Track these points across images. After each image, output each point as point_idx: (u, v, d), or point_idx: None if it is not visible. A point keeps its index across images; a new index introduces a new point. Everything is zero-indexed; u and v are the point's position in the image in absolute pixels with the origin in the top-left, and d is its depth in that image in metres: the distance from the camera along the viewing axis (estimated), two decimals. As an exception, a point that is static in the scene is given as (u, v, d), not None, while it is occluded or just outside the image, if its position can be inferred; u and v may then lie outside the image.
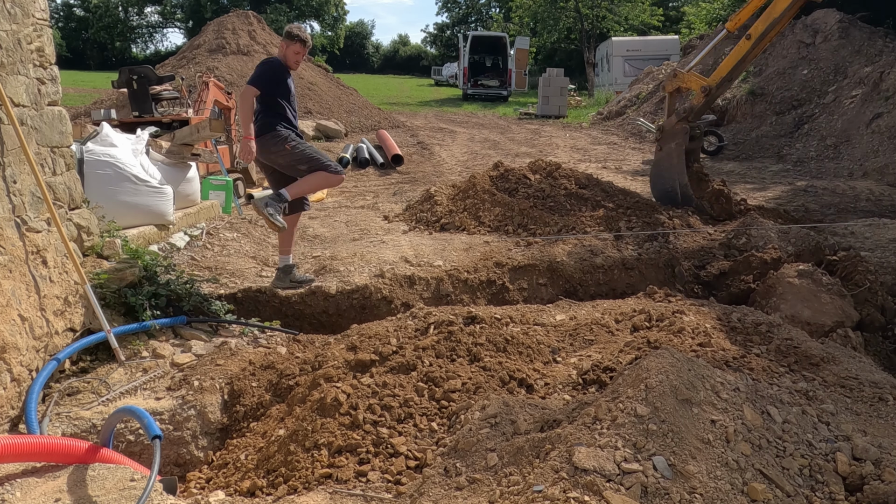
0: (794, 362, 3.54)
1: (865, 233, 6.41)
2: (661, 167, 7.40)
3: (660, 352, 2.64)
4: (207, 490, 3.06)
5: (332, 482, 2.70)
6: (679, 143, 7.12)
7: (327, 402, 3.10)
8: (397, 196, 9.00)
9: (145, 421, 2.60)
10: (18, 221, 3.48)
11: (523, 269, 5.66)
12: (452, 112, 22.58)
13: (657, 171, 7.51)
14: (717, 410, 2.40)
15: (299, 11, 53.52)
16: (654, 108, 16.55)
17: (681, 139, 7.10)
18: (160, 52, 57.85)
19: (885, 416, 2.88)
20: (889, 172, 9.65)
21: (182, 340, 4.23)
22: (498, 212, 6.89)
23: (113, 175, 5.35)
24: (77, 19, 58.97)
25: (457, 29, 59.23)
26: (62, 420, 3.32)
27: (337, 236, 6.62)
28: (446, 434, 2.92)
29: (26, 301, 3.36)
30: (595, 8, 32.37)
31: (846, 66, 13.09)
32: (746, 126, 13.35)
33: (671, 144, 7.20)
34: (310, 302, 5.09)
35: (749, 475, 2.15)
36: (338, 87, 18.14)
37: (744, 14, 6.89)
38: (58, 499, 2.23)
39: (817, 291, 4.78)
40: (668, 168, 7.23)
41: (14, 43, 3.55)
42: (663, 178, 7.32)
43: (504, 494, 2.18)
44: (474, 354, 3.62)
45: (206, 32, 18.81)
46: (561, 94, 20.98)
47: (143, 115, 8.45)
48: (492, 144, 14.33)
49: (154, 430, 2.54)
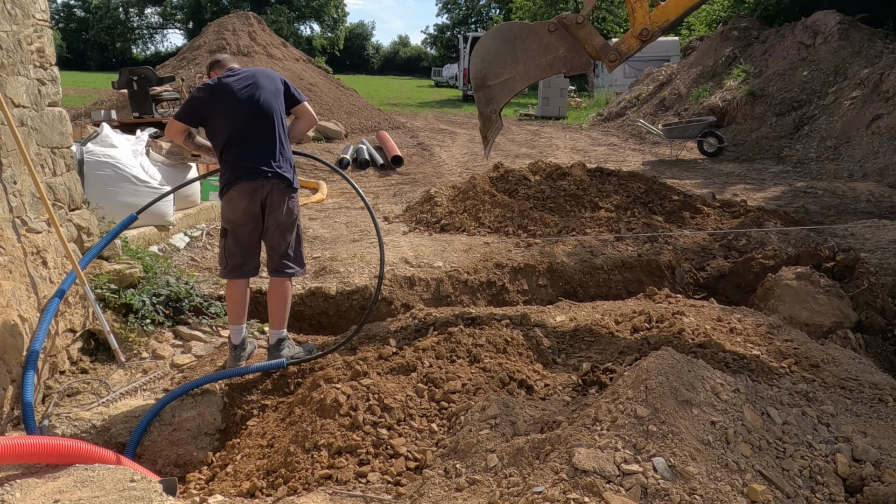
0: (794, 363, 3.55)
1: (865, 234, 6.41)
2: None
3: (660, 353, 2.64)
4: (207, 491, 3.05)
5: (332, 483, 2.70)
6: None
7: (327, 402, 3.10)
8: (397, 197, 9.01)
9: None
10: (18, 222, 3.48)
11: (523, 271, 5.66)
12: (452, 113, 22.58)
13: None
14: (717, 412, 2.40)
15: (299, 12, 53.54)
16: (654, 110, 16.56)
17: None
18: (160, 53, 57.91)
19: (885, 418, 2.88)
20: (889, 174, 9.65)
21: (182, 341, 4.23)
22: (498, 213, 6.89)
23: (113, 176, 5.36)
24: (77, 20, 59.05)
25: (457, 30, 59.31)
26: (62, 420, 3.32)
27: (337, 237, 6.62)
28: (446, 435, 2.92)
29: (26, 302, 3.36)
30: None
31: (846, 67, 13.10)
32: (746, 127, 13.35)
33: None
34: (310, 303, 5.09)
35: (749, 476, 2.15)
36: (338, 88, 18.14)
37: None
38: (57, 499, 2.23)
39: (815, 293, 4.79)
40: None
41: (14, 44, 3.55)
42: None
43: (504, 495, 2.18)
44: (474, 355, 3.63)
45: (206, 33, 18.83)
46: (561, 95, 20.99)
47: (143, 115, 8.46)
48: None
49: None
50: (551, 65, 4.63)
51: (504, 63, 4.60)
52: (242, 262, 3.79)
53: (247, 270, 3.83)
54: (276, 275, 3.85)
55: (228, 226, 3.77)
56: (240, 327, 3.89)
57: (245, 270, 3.83)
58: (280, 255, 3.79)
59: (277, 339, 3.91)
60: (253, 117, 3.66)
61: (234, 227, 3.75)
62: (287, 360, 3.83)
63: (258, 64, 15.72)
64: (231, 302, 3.89)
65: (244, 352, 3.92)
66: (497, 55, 4.61)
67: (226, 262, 3.82)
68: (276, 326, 3.92)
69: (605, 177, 8.13)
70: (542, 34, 4.55)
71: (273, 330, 3.93)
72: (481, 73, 4.64)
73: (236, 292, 3.86)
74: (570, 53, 4.58)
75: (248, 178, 3.62)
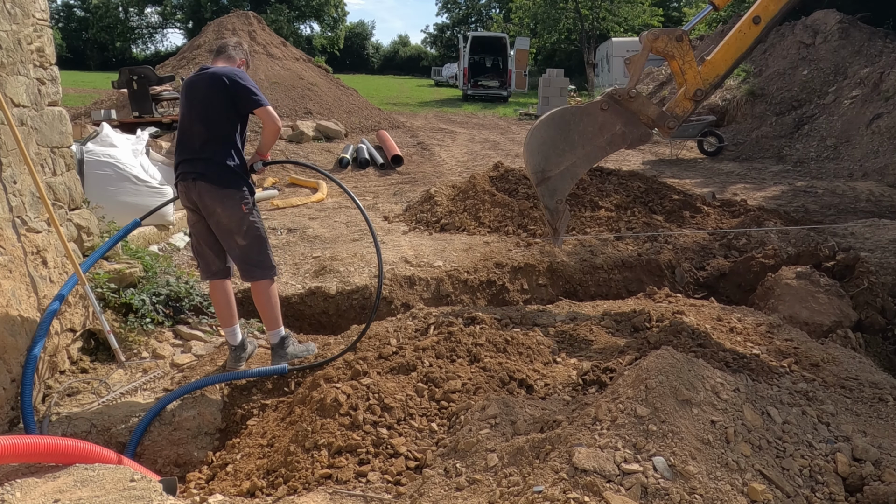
0: (794, 363, 3.55)
1: (865, 233, 6.40)
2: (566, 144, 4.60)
3: (660, 352, 2.64)
4: (207, 490, 3.05)
5: (332, 483, 2.70)
6: (628, 139, 4.61)
7: (327, 402, 3.10)
8: (397, 196, 9.01)
9: None
10: (18, 222, 3.48)
11: (523, 270, 5.66)
12: (452, 113, 22.57)
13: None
14: (717, 411, 2.40)
15: (299, 12, 53.50)
16: (654, 109, 16.54)
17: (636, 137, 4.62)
18: (160, 52, 57.89)
19: (885, 417, 2.88)
20: (889, 173, 9.65)
21: (182, 341, 4.23)
22: (498, 212, 6.89)
23: (113, 175, 5.36)
24: (77, 20, 59.01)
25: (457, 29, 59.30)
26: (62, 420, 3.32)
27: (337, 237, 6.62)
28: (446, 434, 2.92)
29: (26, 301, 3.36)
30: (595, 9, 32.39)
31: (846, 66, 13.10)
32: (746, 126, 13.35)
33: (617, 129, 4.56)
34: (310, 302, 5.09)
35: (749, 476, 2.15)
36: (338, 87, 18.13)
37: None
38: (57, 499, 2.23)
39: (815, 292, 4.79)
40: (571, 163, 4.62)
41: (14, 43, 3.55)
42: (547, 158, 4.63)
43: (504, 495, 2.18)
44: (474, 355, 3.63)
45: (206, 33, 18.80)
46: (561, 94, 20.97)
47: (143, 115, 8.46)
48: (492, 145, 14.33)
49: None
50: (611, 143, 4.55)
51: (562, 151, 4.49)
52: (207, 262, 3.77)
53: (215, 271, 3.79)
54: (245, 280, 3.83)
55: (188, 224, 3.79)
56: (232, 329, 3.86)
57: (213, 271, 3.79)
58: (238, 260, 3.73)
59: (278, 338, 3.90)
60: (187, 118, 3.59)
61: (190, 226, 3.77)
62: (288, 367, 3.83)
63: (258, 63, 15.71)
64: (215, 305, 3.87)
65: (244, 352, 3.91)
66: (553, 145, 4.49)
67: (197, 263, 3.84)
68: (270, 327, 3.89)
69: (605, 176, 8.13)
70: (595, 114, 4.47)
71: (269, 331, 3.91)
72: (540, 167, 4.48)
73: (217, 294, 3.83)
74: (627, 128, 4.51)
75: (181, 178, 3.62)
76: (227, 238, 3.64)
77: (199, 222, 3.68)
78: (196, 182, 3.52)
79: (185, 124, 3.58)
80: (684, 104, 4.50)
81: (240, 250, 3.65)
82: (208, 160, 3.52)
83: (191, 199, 3.59)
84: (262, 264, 3.73)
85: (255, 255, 3.69)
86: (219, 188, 3.52)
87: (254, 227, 3.65)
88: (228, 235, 3.62)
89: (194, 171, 3.52)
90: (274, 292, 3.85)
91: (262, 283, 3.77)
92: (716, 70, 4.52)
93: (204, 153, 3.52)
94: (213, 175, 3.52)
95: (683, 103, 4.49)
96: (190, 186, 3.55)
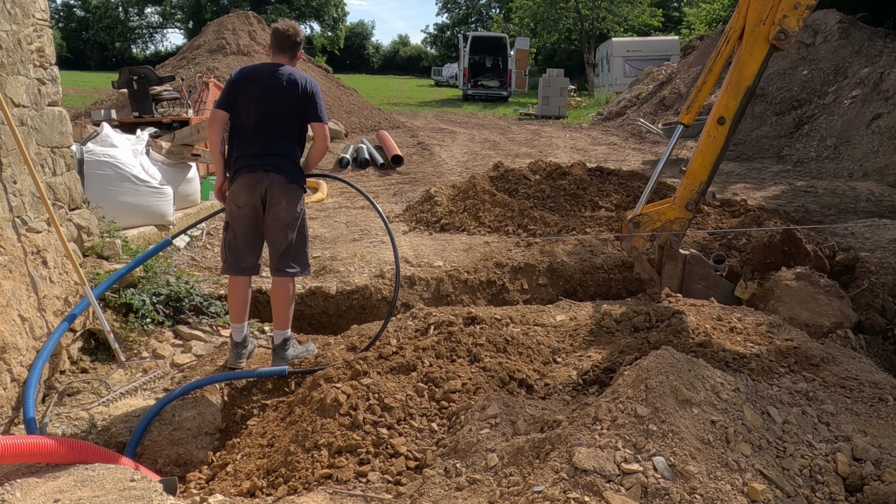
0: (795, 363, 3.54)
1: (865, 233, 6.40)
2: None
3: (660, 352, 2.64)
4: (207, 490, 3.06)
5: (332, 482, 2.70)
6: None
7: (327, 402, 3.10)
8: (397, 196, 9.01)
9: None
10: (18, 221, 3.48)
11: (523, 270, 5.66)
12: (452, 112, 22.57)
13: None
14: (717, 411, 2.40)
15: (299, 12, 53.51)
16: (655, 109, 16.55)
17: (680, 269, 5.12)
18: (160, 52, 57.93)
19: (885, 417, 2.88)
20: (889, 173, 9.65)
21: (182, 341, 4.24)
22: (498, 212, 6.89)
23: (113, 175, 5.35)
24: (77, 20, 59.05)
25: (457, 29, 59.29)
26: (62, 420, 3.32)
27: (337, 237, 6.62)
28: (446, 434, 2.92)
29: (26, 301, 3.36)
30: (595, 9, 32.41)
31: (846, 66, 13.09)
32: (746, 126, 13.34)
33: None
34: (310, 302, 5.09)
35: (749, 475, 2.15)
36: (338, 87, 18.14)
37: (697, 102, 5.13)
38: (58, 499, 2.23)
39: (815, 293, 4.78)
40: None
41: (14, 43, 3.55)
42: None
43: (504, 495, 2.18)
44: (474, 355, 3.63)
45: (206, 33, 18.80)
46: (561, 94, 20.98)
47: (143, 115, 8.45)
48: (492, 145, 14.33)
49: None
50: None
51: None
52: (237, 258, 3.78)
53: (245, 268, 3.81)
54: (277, 274, 3.83)
55: (229, 218, 3.78)
56: (241, 325, 3.89)
57: (243, 267, 3.81)
58: (280, 254, 3.77)
59: (282, 339, 3.91)
60: (256, 113, 3.68)
61: (233, 219, 3.75)
62: (289, 370, 3.84)
63: (257, 62, 15.67)
64: (232, 300, 3.89)
65: (245, 350, 3.92)
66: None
67: (225, 257, 3.83)
68: (280, 327, 3.91)
69: (606, 176, 8.13)
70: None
71: (277, 331, 3.93)
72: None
73: (237, 290, 3.86)
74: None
75: (248, 170, 3.66)
76: (279, 232, 3.74)
77: (246, 217, 3.72)
78: (268, 174, 3.64)
79: (255, 118, 3.68)
80: (679, 215, 5.04)
81: (288, 244, 3.77)
82: (281, 156, 3.69)
83: (252, 192, 3.66)
84: (302, 261, 3.88)
85: (299, 252, 3.85)
86: (288, 182, 3.70)
87: (304, 225, 3.88)
88: (283, 229, 3.73)
89: (267, 164, 3.65)
90: (294, 293, 4.00)
91: (291, 281, 3.90)
92: (698, 178, 5.00)
93: (277, 149, 3.69)
94: (287, 169, 3.69)
95: (678, 215, 5.03)
96: (261, 178, 3.64)
